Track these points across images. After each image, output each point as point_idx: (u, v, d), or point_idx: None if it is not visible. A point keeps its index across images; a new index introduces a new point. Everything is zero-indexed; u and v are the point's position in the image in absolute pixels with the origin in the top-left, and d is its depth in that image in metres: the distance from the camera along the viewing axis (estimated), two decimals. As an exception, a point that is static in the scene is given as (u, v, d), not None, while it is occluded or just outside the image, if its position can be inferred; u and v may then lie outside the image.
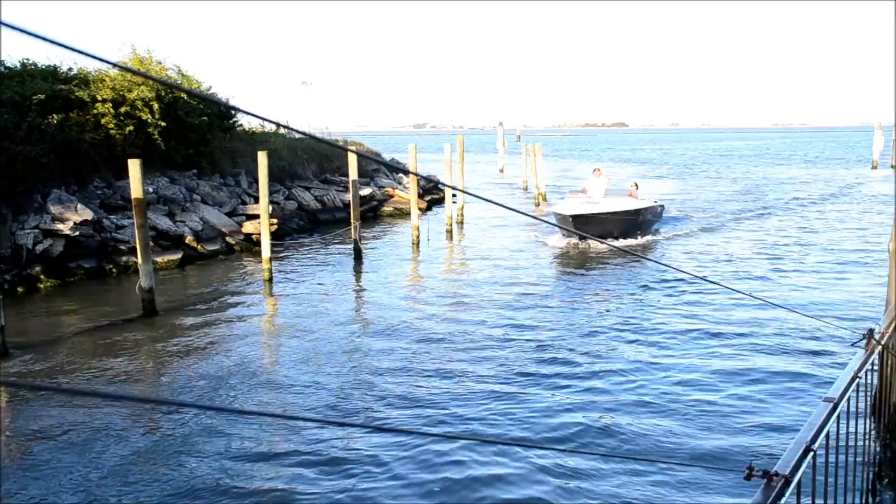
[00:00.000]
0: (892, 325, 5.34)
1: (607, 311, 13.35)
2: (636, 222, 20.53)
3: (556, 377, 9.67)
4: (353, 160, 19.48)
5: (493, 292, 14.89)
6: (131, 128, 19.63)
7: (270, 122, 1.98)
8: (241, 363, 10.60)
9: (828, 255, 18.31)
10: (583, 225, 19.02)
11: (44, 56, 21.24)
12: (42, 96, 17.97)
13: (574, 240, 19.92)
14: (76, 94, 19.00)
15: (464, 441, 7.49)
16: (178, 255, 18.18)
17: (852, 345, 4.44)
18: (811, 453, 2.82)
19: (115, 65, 1.92)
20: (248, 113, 1.95)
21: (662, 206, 22.98)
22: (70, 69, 20.60)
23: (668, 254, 19.35)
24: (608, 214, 19.47)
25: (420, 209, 23.58)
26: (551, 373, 9.84)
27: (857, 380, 3.90)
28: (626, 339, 11.40)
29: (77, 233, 16.54)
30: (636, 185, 22.57)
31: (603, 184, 21.44)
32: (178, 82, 22.95)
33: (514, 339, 11.48)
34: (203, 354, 11.06)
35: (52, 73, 20.02)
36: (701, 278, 12.39)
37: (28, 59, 20.44)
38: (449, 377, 9.73)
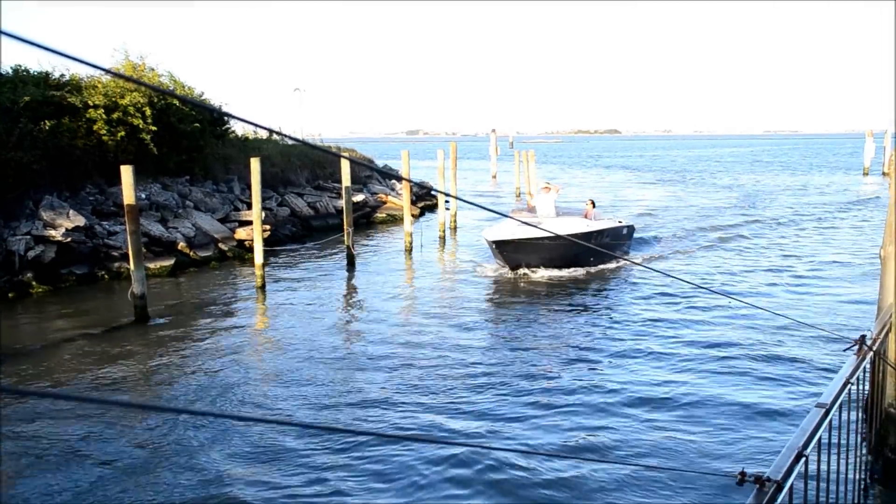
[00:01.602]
0: (884, 332, 5.36)
1: (600, 320, 13.37)
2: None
3: (549, 387, 9.68)
4: (346, 166, 19.45)
5: (482, 303, 14.90)
6: (123, 134, 19.58)
7: (263, 128, 1.98)
8: (232, 369, 10.56)
9: (819, 261, 18.36)
10: (512, 252, 16.47)
11: (35, 62, 21.14)
12: (27, 98, 17.90)
13: (506, 269, 17.03)
14: (68, 100, 18.95)
15: (462, 448, 7.47)
16: (170, 262, 18.11)
17: (844, 351, 4.45)
18: (803, 458, 2.82)
19: (108, 71, 1.92)
20: (240, 119, 1.95)
21: (630, 227, 19.66)
22: (62, 75, 20.56)
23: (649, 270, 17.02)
24: (548, 240, 15.85)
25: (413, 215, 23.58)
26: (543, 383, 9.85)
27: (849, 386, 3.91)
28: (620, 347, 11.41)
29: (69, 239, 16.48)
30: (592, 202, 19.40)
31: (552, 200, 18.40)
32: (171, 89, 22.92)
33: (507, 351, 11.49)
34: (195, 360, 11.01)
35: (43, 79, 19.97)
36: (693, 284, 12.39)
37: (20, 66, 20.40)
38: (438, 386, 9.71)
